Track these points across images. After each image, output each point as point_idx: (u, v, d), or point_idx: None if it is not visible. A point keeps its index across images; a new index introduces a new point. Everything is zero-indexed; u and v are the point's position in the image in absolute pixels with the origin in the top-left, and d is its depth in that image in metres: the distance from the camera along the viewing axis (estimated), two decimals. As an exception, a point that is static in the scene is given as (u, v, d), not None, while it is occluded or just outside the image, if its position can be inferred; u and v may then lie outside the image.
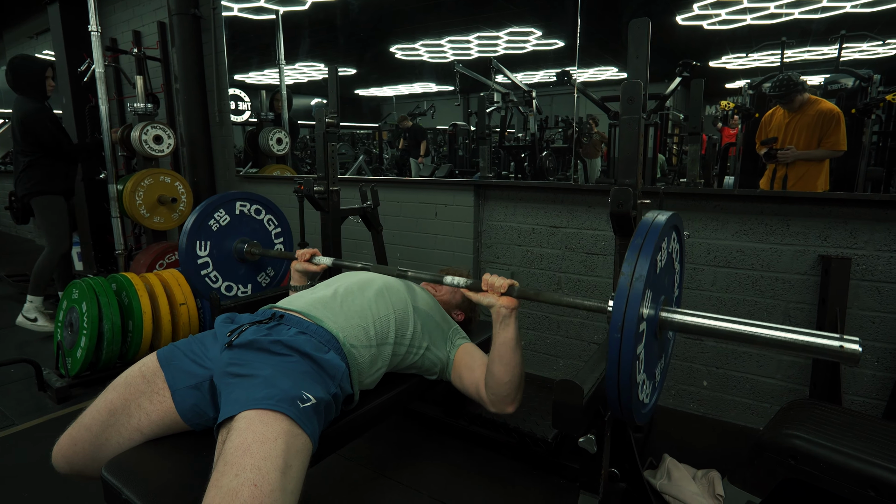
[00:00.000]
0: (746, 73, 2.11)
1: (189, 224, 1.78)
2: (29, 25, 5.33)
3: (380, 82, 3.74)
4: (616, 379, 0.88)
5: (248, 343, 1.13)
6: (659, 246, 0.92)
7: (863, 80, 1.88)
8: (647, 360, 0.98)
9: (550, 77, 2.75)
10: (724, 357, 2.00)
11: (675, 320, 0.98)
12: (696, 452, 1.74)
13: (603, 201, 2.17)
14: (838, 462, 1.17)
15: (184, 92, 3.44)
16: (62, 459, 1.13)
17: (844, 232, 1.74)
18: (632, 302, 0.85)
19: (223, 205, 1.86)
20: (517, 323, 1.23)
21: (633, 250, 0.90)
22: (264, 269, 2.01)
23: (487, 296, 1.23)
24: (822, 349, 0.85)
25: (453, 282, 1.31)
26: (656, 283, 0.95)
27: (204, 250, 1.81)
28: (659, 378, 1.14)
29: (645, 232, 0.92)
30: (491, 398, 1.28)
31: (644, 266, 0.87)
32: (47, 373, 2.30)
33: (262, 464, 0.86)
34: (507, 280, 1.22)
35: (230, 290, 1.91)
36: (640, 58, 1.23)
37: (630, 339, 0.85)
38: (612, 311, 0.87)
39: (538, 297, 1.20)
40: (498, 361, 1.24)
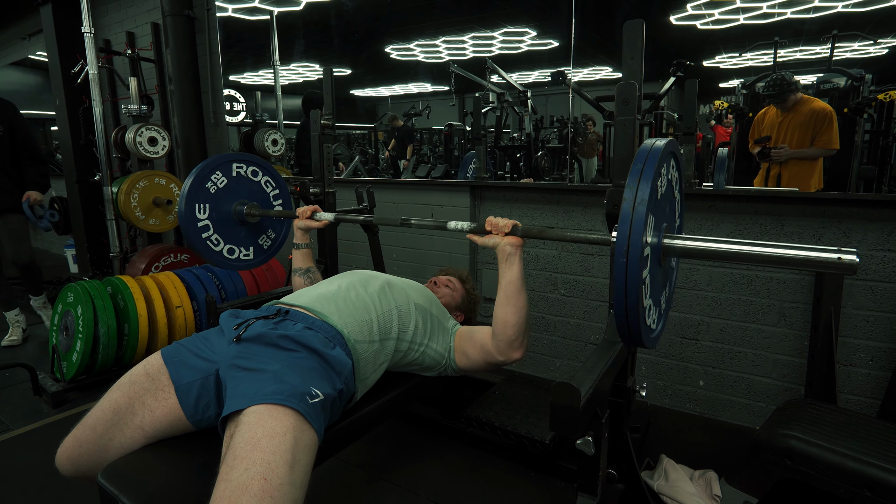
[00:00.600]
0: (740, 72, 2.12)
1: (187, 187, 1.75)
2: (21, 26, 5.28)
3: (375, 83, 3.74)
4: (623, 303, 0.88)
5: (256, 337, 1.14)
6: (659, 171, 0.91)
7: (855, 80, 1.89)
8: (653, 285, 0.98)
9: (545, 77, 2.75)
10: (719, 357, 2.01)
11: (678, 246, 0.99)
12: (693, 453, 1.75)
13: (599, 201, 2.17)
14: (834, 462, 1.18)
15: (178, 93, 3.43)
16: (67, 461, 1.13)
17: (838, 231, 1.75)
18: (635, 226, 0.85)
19: (219, 166, 1.82)
20: (522, 263, 1.25)
21: (633, 176, 0.89)
22: (265, 232, 1.99)
23: (492, 237, 1.25)
24: (821, 262, 0.85)
25: (457, 226, 1.32)
26: (658, 209, 0.95)
27: (203, 213, 1.79)
28: (665, 306, 1.15)
29: (644, 157, 0.91)
30: (498, 345, 1.30)
31: (645, 190, 0.86)
32: (42, 377, 2.28)
33: (272, 458, 0.86)
34: (511, 220, 1.24)
35: (232, 252, 1.88)
36: (634, 59, 1.23)
37: (635, 264, 0.85)
38: (617, 237, 0.87)
39: (542, 234, 1.22)
40: (504, 303, 1.26)
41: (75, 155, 4.06)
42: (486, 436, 1.73)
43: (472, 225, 1.31)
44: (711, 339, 2.02)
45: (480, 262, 2.59)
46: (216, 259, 1.84)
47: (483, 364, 1.38)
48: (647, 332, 0.96)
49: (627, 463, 1.36)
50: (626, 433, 1.33)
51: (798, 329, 1.85)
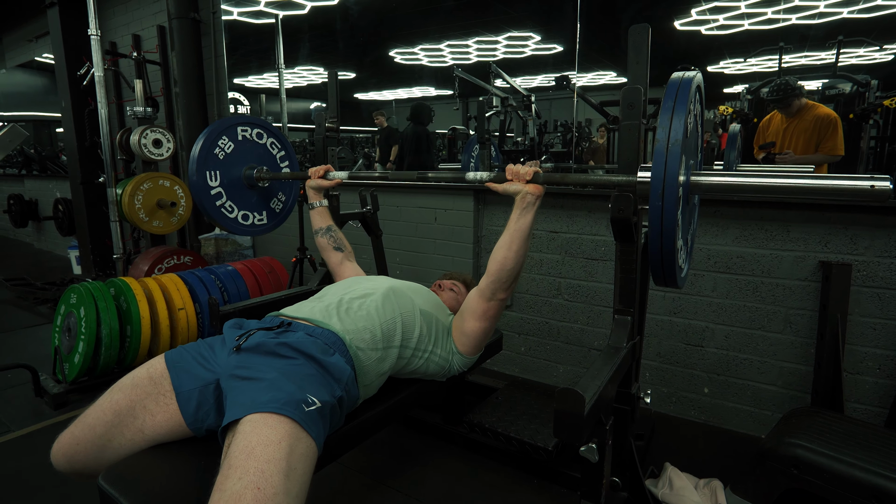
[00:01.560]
0: (744, 77, 2.12)
1: (195, 153, 1.74)
2: (29, 29, 5.33)
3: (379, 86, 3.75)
4: (659, 246, 0.88)
5: (255, 347, 1.14)
6: (689, 108, 0.90)
7: (860, 86, 1.88)
8: (683, 226, 0.98)
9: (549, 81, 2.75)
10: (724, 364, 2.00)
11: (705, 182, 0.98)
12: (698, 461, 1.73)
13: (603, 206, 2.16)
14: (841, 472, 1.16)
15: (183, 96, 3.44)
16: (62, 457, 1.12)
17: (845, 238, 1.74)
18: (670, 168, 0.84)
19: (224, 131, 1.81)
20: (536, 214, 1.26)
21: (665, 113, 0.88)
22: (275, 195, 1.99)
23: (514, 184, 1.25)
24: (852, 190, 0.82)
25: (476, 176, 1.34)
26: (687, 147, 0.94)
27: (215, 180, 1.78)
28: (690, 244, 1.15)
29: (675, 93, 0.90)
30: (488, 287, 1.33)
31: (679, 130, 0.85)
32: (44, 378, 2.28)
33: (266, 467, 0.85)
34: (532, 168, 1.24)
35: (246, 219, 1.89)
36: (639, 64, 1.22)
37: (672, 206, 0.84)
38: (651, 179, 0.86)
39: (564, 179, 1.24)
40: (507, 247, 1.27)
41: (80, 156, 4.08)
42: (488, 441, 1.72)
43: (490, 174, 1.31)
44: (716, 345, 2.00)
45: (484, 265, 2.58)
46: (231, 226, 1.85)
47: (478, 326, 1.39)
48: (679, 271, 0.96)
49: (631, 471, 1.35)
50: (630, 440, 1.32)
51: (804, 336, 1.84)
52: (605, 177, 1.15)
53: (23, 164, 6.05)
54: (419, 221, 2.72)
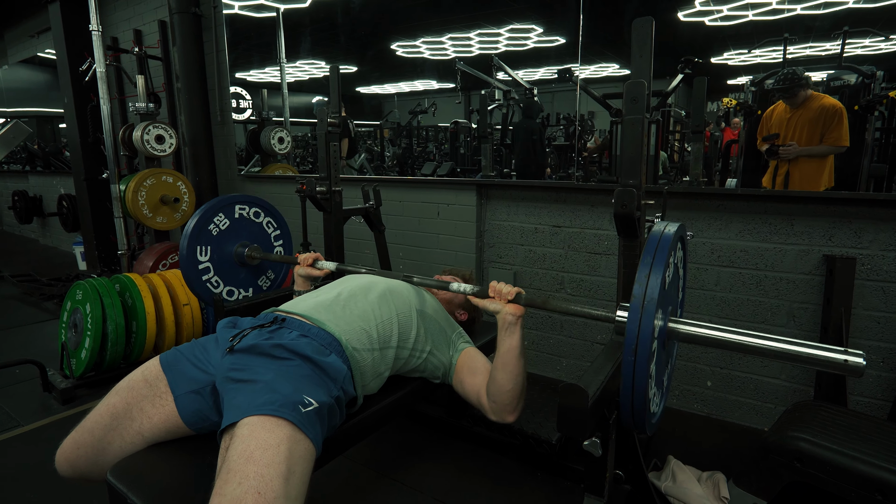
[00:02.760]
0: (748, 69, 2.10)
1: (189, 229, 1.78)
2: (30, 24, 5.32)
3: (381, 80, 3.73)
4: (630, 398, 0.89)
5: (249, 348, 1.13)
6: (668, 262, 0.92)
7: (866, 77, 1.86)
8: (657, 373, 0.98)
9: (552, 74, 2.73)
10: (727, 357, 2.00)
11: (681, 331, 0.99)
12: (701, 453, 1.74)
13: (606, 200, 2.16)
14: (844, 465, 1.17)
15: (185, 91, 3.44)
16: (65, 463, 1.14)
17: (849, 231, 1.73)
18: (644, 325, 0.86)
19: (222, 208, 1.85)
20: (522, 331, 1.22)
21: (643, 269, 0.90)
22: (265, 273, 2.01)
23: (494, 302, 1.22)
24: (826, 362, 0.85)
25: (460, 288, 1.30)
26: (665, 297, 0.95)
27: (204, 255, 1.81)
28: (666, 384, 1.15)
29: (654, 250, 0.93)
30: (492, 406, 1.27)
31: (655, 287, 0.88)
32: (52, 374, 2.30)
33: (265, 471, 0.86)
34: (515, 288, 1.21)
35: (231, 294, 1.91)
36: (643, 57, 1.22)
37: (643, 360, 0.86)
38: (626, 333, 0.88)
39: (546, 304, 1.19)
40: (501, 369, 1.22)
41: (84, 152, 4.09)
42: (491, 435, 1.73)
43: (474, 288, 1.28)
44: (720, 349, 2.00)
45: (487, 261, 2.59)
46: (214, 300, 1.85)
47: (475, 406, 1.35)
48: (651, 418, 0.97)
49: (634, 464, 1.36)
50: (633, 434, 1.33)
51: (808, 330, 1.83)
52: (587, 309, 1.14)
53: (26, 160, 6.07)
54: (422, 216, 2.72)
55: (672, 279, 1.02)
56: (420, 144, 3.95)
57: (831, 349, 0.84)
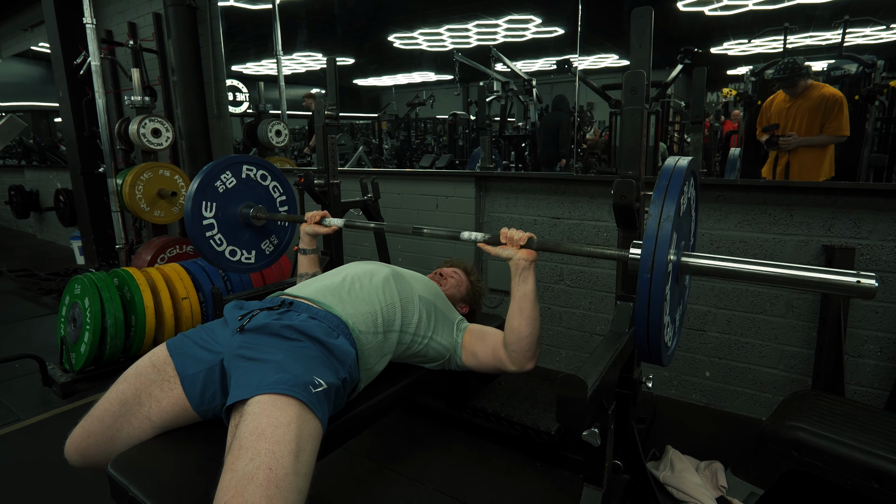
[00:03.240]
0: (748, 59, 2.09)
1: (195, 183, 1.75)
2: (23, 18, 5.26)
3: (378, 72, 3.71)
4: (646, 319, 0.89)
5: (259, 327, 1.15)
6: (682, 189, 0.93)
7: (866, 66, 1.85)
8: (671, 303, 0.99)
9: (550, 65, 2.72)
10: (726, 347, 2.00)
11: (695, 264, 0.99)
12: (699, 443, 1.75)
13: (605, 192, 2.15)
14: (842, 454, 1.17)
15: (181, 84, 3.41)
16: (75, 452, 1.15)
17: (848, 222, 1.73)
18: (661, 242, 0.86)
19: (230, 167, 1.82)
20: (535, 276, 1.25)
21: (658, 192, 0.91)
22: (268, 237, 1.99)
23: (506, 248, 1.24)
24: (838, 285, 0.85)
25: (470, 237, 1.32)
26: (679, 226, 0.96)
27: (209, 211, 1.79)
28: (678, 324, 1.16)
29: (669, 175, 0.93)
30: (511, 356, 1.30)
31: (671, 207, 0.88)
32: (52, 368, 2.30)
33: (276, 448, 0.87)
34: (526, 233, 1.23)
35: (234, 254, 1.89)
36: (642, 48, 1.20)
37: (660, 280, 0.86)
38: (642, 253, 0.88)
39: (558, 248, 1.21)
40: (518, 315, 1.25)
41: (79, 147, 4.06)
42: (491, 426, 1.74)
43: (485, 236, 1.30)
44: (718, 329, 2.01)
45: (485, 253, 2.58)
46: (217, 259, 1.84)
47: (492, 368, 1.38)
48: (665, 349, 0.97)
49: (633, 454, 1.36)
50: (631, 424, 1.33)
51: (806, 320, 1.84)
52: (599, 248, 1.16)
53: (22, 154, 6.03)
54: (420, 209, 2.72)
55: (686, 211, 1.02)
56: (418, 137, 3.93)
57: (843, 272, 0.84)
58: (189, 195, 1.74)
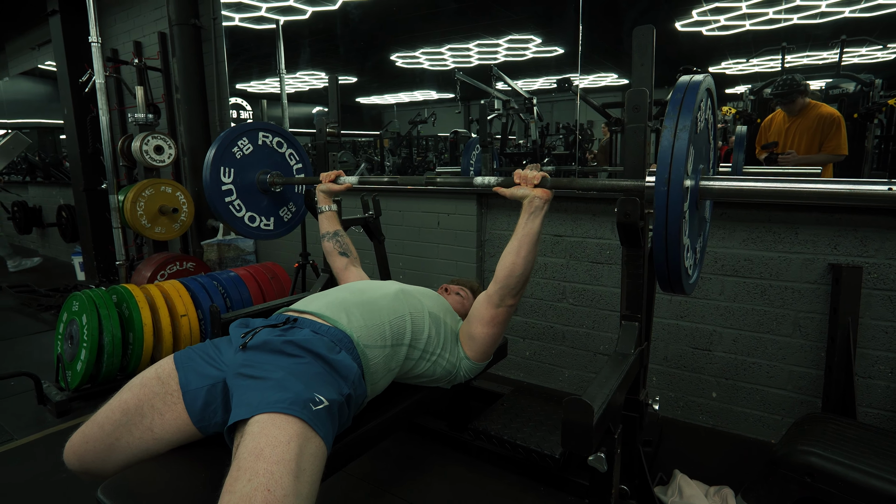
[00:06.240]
0: (746, 78, 2.10)
1: (213, 149, 1.75)
2: (31, 37, 5.35)
3: (380, 90, 3.74)
4: (663, 238, 0.84)
5: (261, 344, 1.13)
6: (699, 104, 0.88)
7: (864, 85, 1.86)
8: (691, 225, 0.94)
9: (551, 84, 2.74)
10: (732, 368, 1.97)
11: (715, 187, 0.94)
12: (707, 467, 1.70)
13: (608, 210, 2.14)
14: (857, 480, 1.14)
15: (185, 102, 3.44)
16: (73, 457, 1.13)
17: (855, 240, 1.71)
18: (677, 155, 0.81)
19: (246, 133, 1.83)
20: (544, 218, 1.26)
21: (673, 105, 0.86)
22: (286, 204, 2.00)
23: (521, 188, 1.25)
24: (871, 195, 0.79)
25: (484, 181, 1.33)
26: (697, 144, 0.91)
27: (228, 177, 1.79)
28: (699, 255, 1.11)
29: (684, 89, 0.88)
30: (496, 293, 1.31)
31: (687, 118, 0.82)
32: (47, 386, 2.27)
33: (275, 468, 0.85)
34: (540, 172, 1.24)
35: (253, 220, 1.89)
36: (644, 65, 1.20)
37: (677, 196, 0.81)
38: (658, 165, 0.83)
39: (572, 184, 1.23)
40: (516, 253, 1.26)
41: (83, 163, 4.09)
42: (493, 448, 1.70)
43: (498, 179, 1.30)
44: (724, 349, 1.98)
45: (488, 270, 2.57)
46: (237, 225, 1.85)
47: (486, 332, 1.36)
48: (686, 276, 0.92)
49: (640, 478, 1.33)
50: (638, 448, 1.30)
51: (814, 340, 1.81)
52: (612, 181, 1.13)
53: (27, 171, 6.07)
54: (422, 226, 2.71)
55: (703, 130, 0.97)
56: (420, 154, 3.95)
57: (873, 182, 0.78)
58: (207, 162, 1.76)
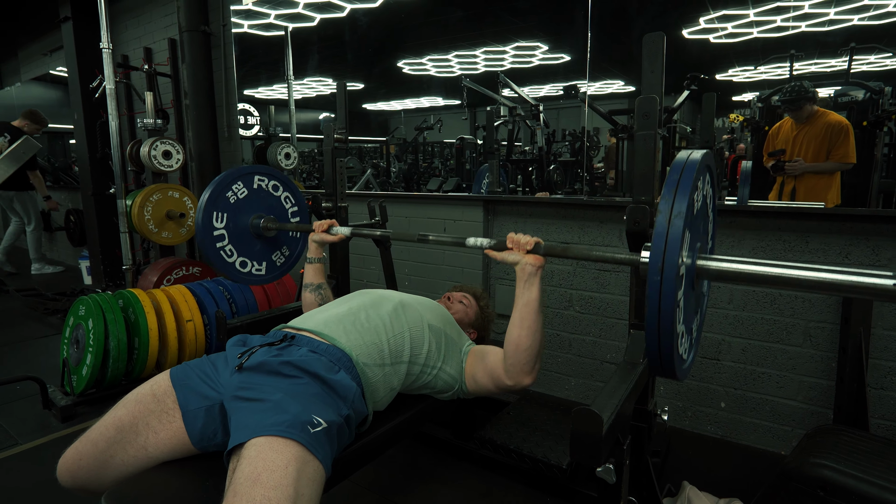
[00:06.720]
0: (753, 85, 2.09)
1: (207, 194, 1.74)
2: (43, 43, 5.42)
3: (387, 97, 3.76)
4: (656, 326, 0.81)
5: (257, 366, 1.11)
6: (696, 184, 0.86)
7: (874, 93, 1.85)
8: (686, 310, 0.91)
9: (557, 91, 2.74)
10: (741, 378, 1.94)
11: (713, 268, 0.91)
12: (716, 478, 1.68)
13: (615, 217, 2.13)
14: (872, 495, 1.11)
15: (193, 107, 3.47)
16: (66, 473, 1.12)
17: (867, 248, 1.69)
18: (671, 242, 0.79)
19: (241, 177, 1.82)
20: (542, 283, 1.20)
21: (669, 187, 0.83)
22: (280, 248, 1.97)
23: (513, 253, 1.20)
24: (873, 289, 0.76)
25: (476, 243, 1.28)
26: (693, 225, 0.89)
27: (220, 222, 1.78)
28: (696, 334, 1.07)
29: (681, 168, 0.86)
30: (508, 369, 1.24)
31: (682, 203, 0.80)
32: (52, 390, 2.27)
33: (272, 494, 0.83)
34: (533, 238, 1.20)
35: (244, 266, 1.87)
36: (654, 72, 1.20)
37: (671, 283, 0.79)
38: (651, 252, 0.81)
39: (565, 252, 1.17)
40: (519, 325, 1.20)
41: (92, 168, 4.12)
42: (499, 458, 1.68)
43: (491, 241, 1.26)
44: (733, 359, 1.95)
45: (494, 277, 2.56)
46: (228, 271, 1.82)
47: (492, 389, 1.32)
48: (680, 362, 0.89)
49: (648, 490, 1.30)
50: (647, 459, 1.28)
51: (825, 350, 1.78)
52: (608, 254, 1.11)
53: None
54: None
55: (701, 209, 0.95)
56: (426, 160, 3.96)
57: (878, 274, 0.75)
58: (200, 206, 1.74)
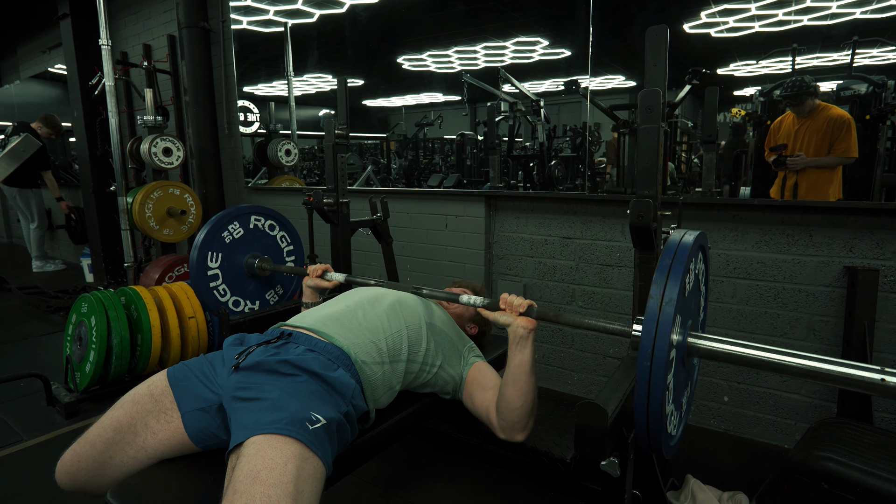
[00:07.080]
0: (755, 80, 2.08)
1: (202, 234, 1.75)
2: (42, 40, 5.41)
3: (388, 93, 3.74)
4: (645, 412, 0.83)
5: (254, 365, 1.10)
6: (687, 268, 0.88)
7: (876, 87, 1.84)
8: (676, 389, 0.93)
9: (558, 86, 2.73)
10: (745, 372, 1.94)
11: (703, 347, 0.93)
12: (720, 472, 1.68)
13: (618, 212, 2.13)
14: (876, 487, 1.11)
15: (193, 104, 3.46)
16: (65, 475, 1.11)
17: (871, 242, 1.69)
18: (662, 328, 0.80)
19: (238, 217, 1.83)
20: (534, 346, 1.18)
21: (661, 272, 0.85)
22: (273, 287, 1.98)
23: (505, 314, 1.18)
24: (861, 382, 0.78)
25: (470, 301, 1.27)
26: (685, 307, 0.90)
27: (215, 262, 1.78)
28: (685, 408, 1.09)
29: (673, 252, 0.88)
30: (501, 424, 1.23)
31: (674, 290, 0.82)
32: (56, 387, 2.28)
33: (272, 491, 0.83)
34: (527, 300, 1.17)
35: (237, 305, 1.88)
36: (658, 66, 1.20)
37: (660, 368, 0.80)
38: (641, 338, 0.82)
39: (558, 318, 1.14)
40: (511, 385, 1.18)
41: (92, 165, 4.12)
42: (503, 453, 1.68)
43: (485, 300, 1.25)
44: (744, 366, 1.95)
45: (495, 272, 2.55)
46: None
47: (480, 417, 1.31)
48: (668, 440, 0.90)
49: (652, 483, 1.31)
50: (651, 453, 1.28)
51: (829, 344, 1.78)
52: (601, 323, 1.10)
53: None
54: (430, 228, 2.70)
55: (693, 289, 0.97)
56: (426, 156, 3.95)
57: (867, 368, 0.78)
58: (195, 245, 1.75)
